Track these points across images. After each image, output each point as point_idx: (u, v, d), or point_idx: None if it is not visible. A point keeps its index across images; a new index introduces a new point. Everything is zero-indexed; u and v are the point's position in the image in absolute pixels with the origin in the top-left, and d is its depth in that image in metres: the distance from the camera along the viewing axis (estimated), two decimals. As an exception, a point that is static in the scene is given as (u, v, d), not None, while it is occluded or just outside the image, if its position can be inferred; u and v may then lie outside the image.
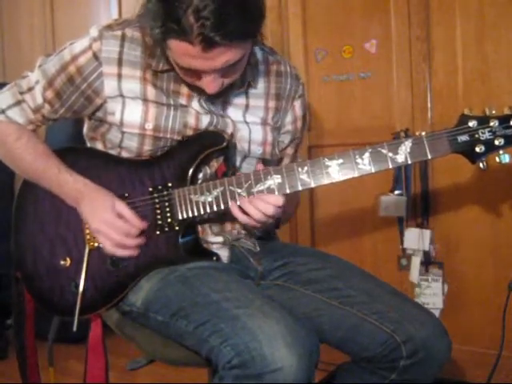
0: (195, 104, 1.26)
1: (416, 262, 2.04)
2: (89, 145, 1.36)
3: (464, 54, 1.94)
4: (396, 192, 2.03)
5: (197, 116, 1.25)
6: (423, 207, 2.03)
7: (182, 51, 1.07)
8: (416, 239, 2.03)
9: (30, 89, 1.30)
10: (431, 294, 2.02)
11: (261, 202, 1.15)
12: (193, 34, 1.02)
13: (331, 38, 2.17)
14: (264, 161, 1.33)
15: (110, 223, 1.20)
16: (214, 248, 1.29)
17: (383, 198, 2.04)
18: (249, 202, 1.16)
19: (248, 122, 1.30)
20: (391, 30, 2.05)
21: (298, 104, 1.39)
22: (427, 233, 2.01)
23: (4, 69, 2.98)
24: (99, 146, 1.33)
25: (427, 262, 2.03)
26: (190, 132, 1.25)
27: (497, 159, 1.13)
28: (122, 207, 1.22)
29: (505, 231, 1.93)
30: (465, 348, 1.99)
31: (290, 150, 1.42)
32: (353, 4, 2.12)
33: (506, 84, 1.88)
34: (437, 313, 1.99)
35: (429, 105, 2.01)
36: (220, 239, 1.30)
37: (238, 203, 1.17)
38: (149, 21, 1.08)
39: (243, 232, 1.34)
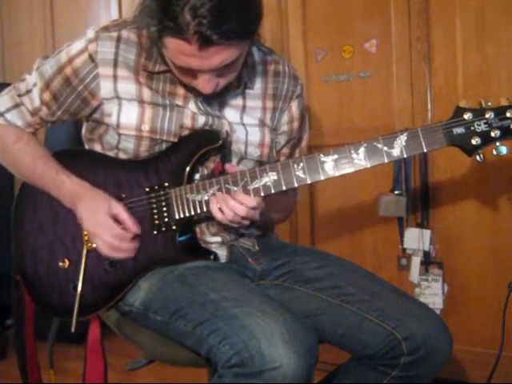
0: (192, 105, 1.25)
1: (416, 262, 2.04)
2: (87, 147, 1.36)
3: (464, 54, 1.94)
4: (396, 192, 2.03)
5: (193, 117, 1.25)
6: (423, 207, 2.03)
7: (179, 50, 1.07)
8: (416, 239, 2.03)
9: (28, 91, 1.30)
10: (431, 294, 2.02)
11: (234, 202, 1.15)
12: (189, 32, 1.01)
13: (331, 38, 2.16)
14: (261, 163, 1.32)
15: (105, 226, 1.20)
16: (213, 248, 1.29)
17: (383, 198, 2.04)
18: (223, 199, 1.16)
19: (245, 123, 1.30)
20: (391, 30, 2.05)
21: (294, 104, 1.37)
22: (427, 233, 2.01)
23: (4, 69, 2.98)
24: (97, 147, 1.33)
25: (427, 261, 2.03)
26: (186, 133, 1.25)
27: (494, 152, 1.12)
28: (118, 209, 1.21)
29: (505, 231, 1.93)
30: (465, 348, 1.99)
31: (285, 151, 1.42)
32: (353, 4, 2.12)
33: (506, 84, 1.88)
34: (437, 313, 1.98)
35: (429, 105, 2.01)
36: (218, 239, 1.30)
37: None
38: (145, 18, 1.08)
39: (242, 231, 1.34)
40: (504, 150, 1.11)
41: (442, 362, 1.17)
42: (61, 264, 1.28)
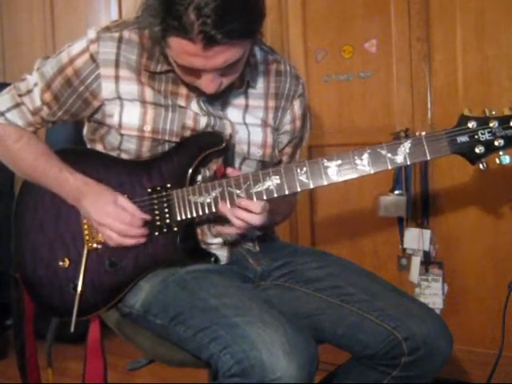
0: (194, 105, 1.25)
1: (416, 262, 2.04)
2: (89, 147, 1.36)
3: (464, 53, 1.94)
4: (396, 192, 2.02)
5: (195, 117, 1.25)
6: (423, 207, 2.03)
7: (183, 49, 1.06)
8: (416, 239, 2.03)
9: (29, 91, 1.30)
10: (431, 294, 2.02)
11: (241, 211, 1.15)
12: (193, 31, 1.01)
13: (331, 38, 2.16)
14: (263, 163, 1.32)
15: (113, 215, 1.20)
16: (213, 249, 1.29)
17: (383, 198, 2.04)
18: (231, 212, 1.16)
19: (247, 123, 1.30)
20: (391, 30, 2.05)
21: (297, 103, 1.37)
22: (427, 233, 2.01)
23: (4, 69, 2.98)
24: (99, 147, 1.33)
25: (427, 262, 2.03)
26: (188, 133, 1.25)
27: (497, 160, 1.12)
28: (123, 201, 1.21)
29: (505, 231, 1.93)
30: (465, 348, 1.99)
31: (288, 150, 1.42)
32: (353, 4, 2.12)
33: (507, 84, 1.87)
34: (437, 312, 1.99)
35: (429, 105, 2.01)
36: (219, 240, 1.30)
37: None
38: (148, 18, 1.07)
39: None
40: (507, 159, 1.11)
41: (442, 362, 1.17)
42: (61, 263, 1.28)
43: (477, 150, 1.11)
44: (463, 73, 1.95)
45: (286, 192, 1.16)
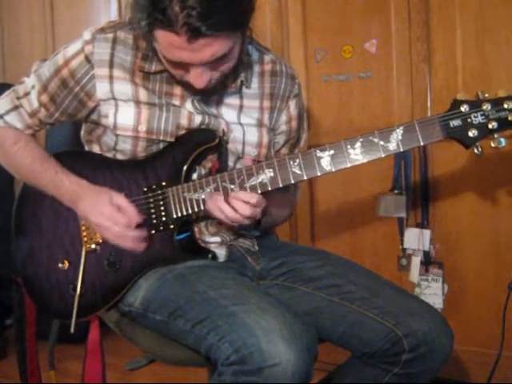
0: (188, 105, 1.25)
1: (416, 261, 2.04)
2: (86, 148, 1.37)
3: (464, 54, 1.94)
4: (396, 191, 2.03)
5: (189, 116, 1.25)
6: (423, 207, 2.03)
7: (168, 42, 1.06)
8: (416, 239, 2.03)
9: (27, 94, 1.31)
10: (431, 294, 2.02)
11: (235, 200, 1.14)
12: (178, 23, 1.01)
13: (331, 38, 2.16)
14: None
15: (109, 216, 1.20)
16: (212, 247, 1.29)
17: (383, 198, 2.04)
18: (225, 201, 1.14)
19: (242, 123, 1.29)
20: (391, 30, 2.05)
21: (292, 104, 1.37)
22: (427, 233, 2.01)
23: (4, 69, 2.98)
24: (96, 148, 1.33)
25: (427, 261, 2.03)
26: (182, 133, 1.25)
27: (492, 144, 1.10)
28: (119, 200, 1.21)
29: (505, 231, 1.93)
30: (465, 348, 1.99)
31: (285, 151, 1.41)
32: (353, 4, 2.12)
33: (506, 84, 1.87)
34: (437, 310, 1.99)
35: (429, 105, 2.01)
36: (217, 239, 1.30)
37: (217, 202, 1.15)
38: (136, 13, 1.08)
39: (241, 232, 1.34)
40: (502, 141, 1.09)
41: (443, 359, 1.17)
42: (60, 265, 1.28)
43: (470, 134, 1.09)
44: (463, 73, 1.95)
45: (280, 184, 1.15)
